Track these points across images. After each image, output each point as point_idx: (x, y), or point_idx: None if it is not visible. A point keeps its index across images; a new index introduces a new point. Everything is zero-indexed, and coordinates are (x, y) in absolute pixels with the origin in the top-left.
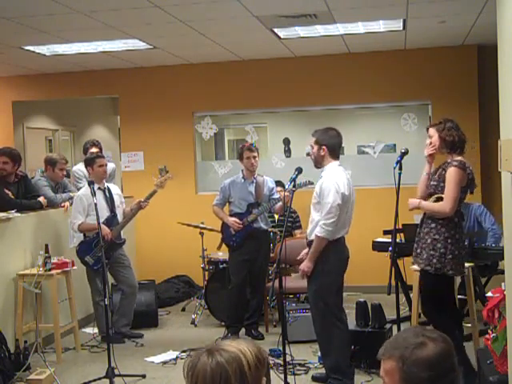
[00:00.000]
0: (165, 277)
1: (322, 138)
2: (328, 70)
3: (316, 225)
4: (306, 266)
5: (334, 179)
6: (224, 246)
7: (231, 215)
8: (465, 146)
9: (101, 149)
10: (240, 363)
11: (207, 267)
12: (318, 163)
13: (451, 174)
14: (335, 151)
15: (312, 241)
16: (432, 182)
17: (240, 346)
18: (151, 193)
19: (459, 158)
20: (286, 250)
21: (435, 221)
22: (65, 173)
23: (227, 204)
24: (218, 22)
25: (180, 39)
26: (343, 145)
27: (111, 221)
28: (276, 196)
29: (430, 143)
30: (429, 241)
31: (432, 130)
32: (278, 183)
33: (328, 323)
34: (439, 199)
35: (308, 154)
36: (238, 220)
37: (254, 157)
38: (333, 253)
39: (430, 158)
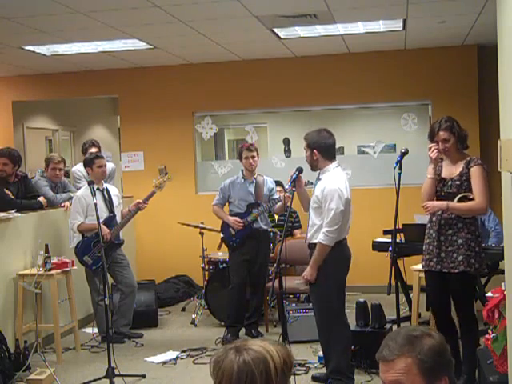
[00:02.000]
0: (165, 277)
1: (313, 141)
2: (328, 70)
3: (317, 230)
4: (309, 274)
5: (336, 184)
6: (224, 245)
7: (231, 215)
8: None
9: (99, 148)
10: (267, 365)
11: (207, 267)
12: (314, 166)
13: (478, 171)
14: (329, 152)
15: (313, 244)
16: (455, 182)
17: (268, 348)
18: (150, 194)
19: (473, 156)
20: (286, 249)
21: (461, 220)
22: (58, 173)
23: (227, 204)
24: (217, 21)
25: (180, 39)
26: (343, 145)
27: (110, 221)
28: (276, 196)
29: (444, 147)
30: (460, 241)
31: (446, 134)
32: (278, 183)
33: (330, 325)
34: (463, 199)
35: None
36: (238, 219)
37: (253, 157)
38: (334, 255)
39: (435, 160)
